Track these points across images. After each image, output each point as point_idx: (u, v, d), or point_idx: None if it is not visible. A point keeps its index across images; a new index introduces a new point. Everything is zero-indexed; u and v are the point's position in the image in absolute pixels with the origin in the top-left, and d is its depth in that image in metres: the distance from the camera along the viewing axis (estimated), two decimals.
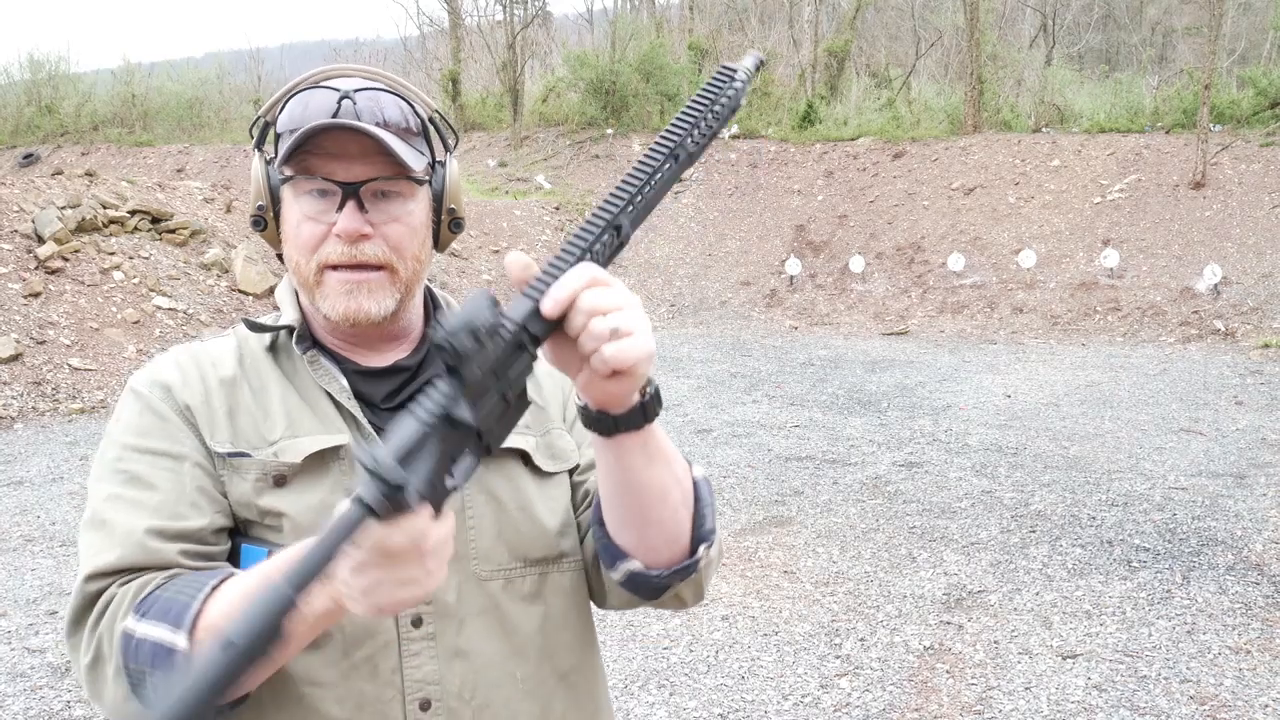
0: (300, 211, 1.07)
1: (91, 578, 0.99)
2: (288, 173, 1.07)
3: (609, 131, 22.35)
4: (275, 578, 0.73)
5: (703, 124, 0.96)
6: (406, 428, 0.79)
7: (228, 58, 33.66)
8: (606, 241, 0.90)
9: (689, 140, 0.95)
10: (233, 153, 25.25)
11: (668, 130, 0.94)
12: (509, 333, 0.85)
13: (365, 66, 1.14)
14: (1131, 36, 32.74)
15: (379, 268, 1.07)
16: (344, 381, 1.11)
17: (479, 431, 0.84)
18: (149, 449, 1.05)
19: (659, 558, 1.06)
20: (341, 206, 1.05)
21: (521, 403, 0.88)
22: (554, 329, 0.87)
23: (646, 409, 0.95)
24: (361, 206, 1.06)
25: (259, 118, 1.14)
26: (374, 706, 1.04)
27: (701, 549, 1.07)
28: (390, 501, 0.77)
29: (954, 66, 27.56)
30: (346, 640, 1.04)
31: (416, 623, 1.06)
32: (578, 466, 1.20)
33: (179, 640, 0.91)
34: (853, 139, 20.78)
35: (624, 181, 0.92)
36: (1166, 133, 18.23)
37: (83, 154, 26.33)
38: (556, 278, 0.86)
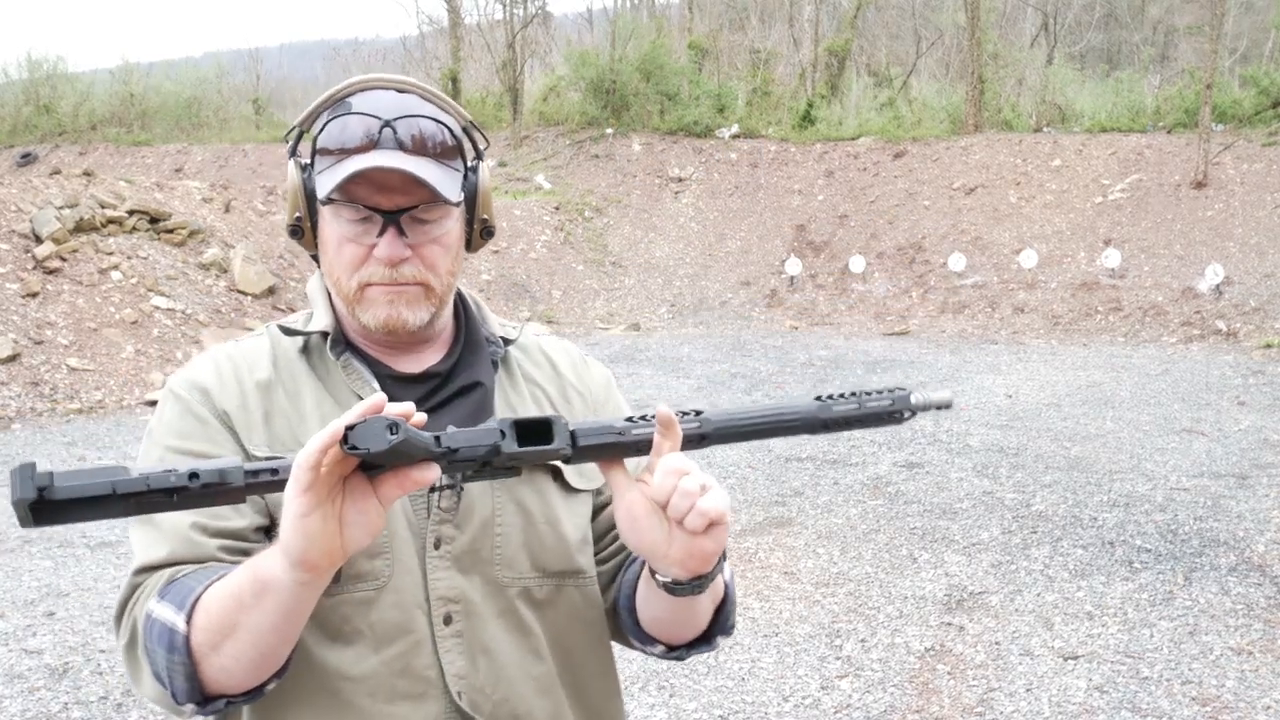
0: (340, 233, 1.11)
1: (140, 570, 1.05)
2: (331, 197, 1.09)
3: (609, 131, 22.31)
4: None
5: (848, 407, 1.01)
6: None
7: (226, 57, 33.67)
8: (689, 427, 0.99)
9: (827, 412, 1.00)
10: (231, 152, 25.25)
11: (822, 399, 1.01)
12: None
13: (397, 76, 1.16)
14: (1133, 36, 32.72)
15: (415, 284, 1.11)
16: (376, 386, 1.13)
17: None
18: (190, 451, 1.08)
19: (682, 642, 1.18)
20: (382, 232, 1.09)
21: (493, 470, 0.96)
22: (587, 458, 0.96)
23: (712, 572, 1.03)
24: (401, 231, 1.09)
25: (295, 126, 1.17)
26: (407, 700, 1.09)
27: (719, 638, 1.19)
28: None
29: (955, 66, 27.54)
30: (379, 637, 1.08)
31: (447, 620, 1.11)
32: (602, 491, 1.24)
33: (179, 622, 0.96)
34: (853, 139, 20.76)
35: (747, 411, 1.00)
36: (1168, 132, 18.21)
37: (81, 154, 26.30)
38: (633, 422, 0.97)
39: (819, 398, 1.01)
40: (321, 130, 1.12)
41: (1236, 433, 8.03)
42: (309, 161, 1.14)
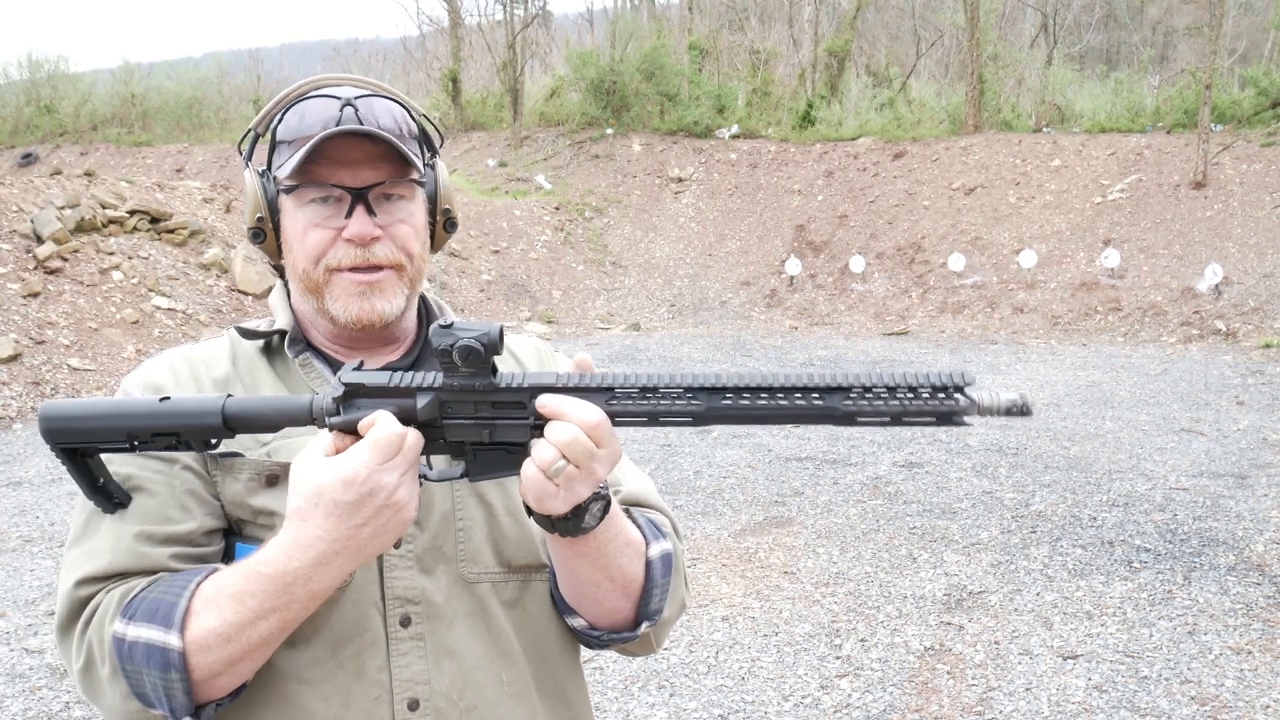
0: (305, 219, 1.08)
1: (81, 583, 1.00)
2: (293, 183, 1.06)
3: (609, 131, 22.31)
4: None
5: (876, 398, 0.83)
6: (378, 374, 0.93)
7: (227, 58, 33.64)
8: (682, 402, 0.87)
9: (849, 398, 0.83)
10: (232, 152, 25.23)
11: (838, 379, 0.84)
12: (513, 384, 0.91)
13: (353, 75, 1.15)
14: (1132, 36, 32.71)
15: (389, 267, 1.09)
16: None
17: (443, 436, 0.93)
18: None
19: (601, 624, 1.13)
20: (350, 212, 1.06)
21: (510, 459, 0.93)
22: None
23: (556, 524, 0.97)
24: (370, 210, 1.07)
25: (249, 131, 1.15)
26: (361, 705, 1.05)
27: (644, 626, 1.12)
28: (337, 403, 0.93)
29: (954, 66, 27.54)
30: (335, 637, 1.05)
31: (405, 622, 1.07)
32: None
33: (172, 639, 0.94)
34: (853, 139, 20.75)
35: (755, 380, 0.86)
36: (1167, 132, 18.21)
37: (82, 154, 26.31)
38: (597, 392, 0.91)
39: (848, 388, 0.84)
40: (279, 124, 1.09)
41: (1235, 432, 8.04)
42: (267, 165, 1.12)
